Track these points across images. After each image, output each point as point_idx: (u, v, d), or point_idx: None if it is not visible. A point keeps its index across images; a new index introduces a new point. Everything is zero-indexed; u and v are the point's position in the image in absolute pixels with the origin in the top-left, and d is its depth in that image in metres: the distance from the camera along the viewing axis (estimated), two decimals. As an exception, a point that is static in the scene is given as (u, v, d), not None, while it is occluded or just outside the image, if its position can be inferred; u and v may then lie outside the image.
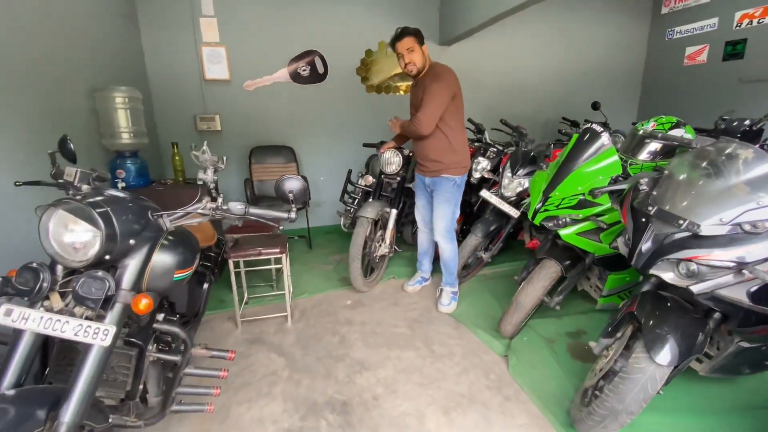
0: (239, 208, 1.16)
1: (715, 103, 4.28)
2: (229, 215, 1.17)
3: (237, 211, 1.16)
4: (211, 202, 1.17)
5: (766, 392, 1.70)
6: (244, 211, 1.17)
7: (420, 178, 2.47)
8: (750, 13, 3.90)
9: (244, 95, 3.78)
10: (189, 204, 1.18)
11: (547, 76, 4.75)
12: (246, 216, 1.18)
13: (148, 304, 1.02)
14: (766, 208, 1.09)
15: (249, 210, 1.18)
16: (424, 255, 2.71)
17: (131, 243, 1.04)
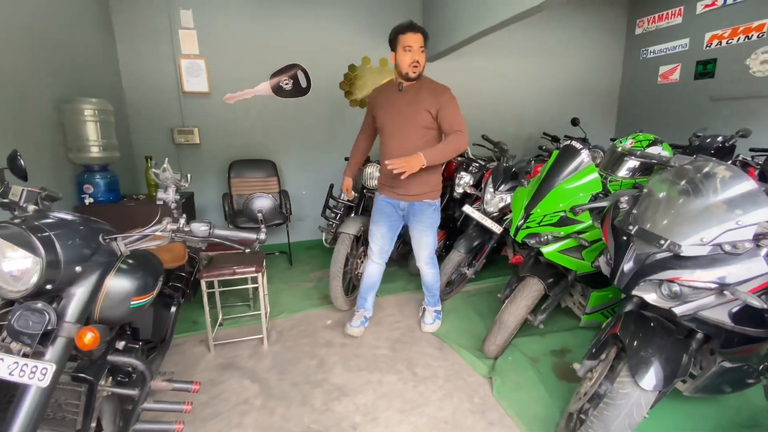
0: (203, 229, 1.08)
1: (688, 120, 4.42)
2: (191, 237, 1.09)
3: (200, 232, 1.08)
4: (172, 224, 1.09)
5: (748, 411, 1.68)
6: (208, 233, 1.09)
7: (389, 202, 2.14)
8: (719, 34, 4.06)
9: (224, 108, 3.71)
10: (148, 225, 1.09)
11: (528, 92, 4.83)
12: (210, 238, 1.11)
13: (94, 339, 0.93)
14: (745, 228, 1.07)
15: (214, 231, 1.11)
16: (370, 290, 2.33)
17: (77, 270, 0.95)
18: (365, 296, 2.35)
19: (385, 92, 2.07)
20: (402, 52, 1.91)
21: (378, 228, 2.20)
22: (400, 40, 1.91)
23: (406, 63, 1.91)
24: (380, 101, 2.06)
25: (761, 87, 3.75)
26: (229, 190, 3.60)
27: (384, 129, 2.07)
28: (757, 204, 1.09)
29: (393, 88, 2.04)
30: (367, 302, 2.36)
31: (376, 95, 2.11)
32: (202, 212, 3.77)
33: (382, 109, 2.05)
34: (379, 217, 2.19)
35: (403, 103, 2.01)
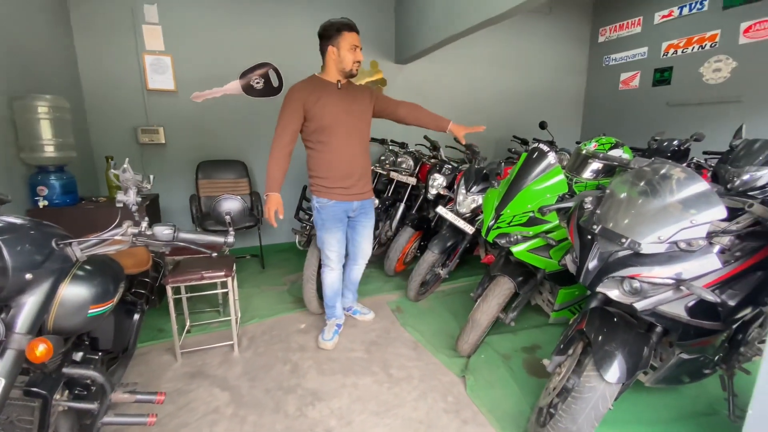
0: (166, 232, 1.04)
1: (647, 124, 4.66)
2: (154, 242, 1.04)
3: (164, 236, 1.03)
4: (133, 227, 1.04)
5: (705, 399, 1.79)
6: (172, 236, 1.04)
7: (342, 206, 2.07)
8: (675, 43, 4.31)
9: (191, 107, 3.59)
10: (107, 229, 1.03)
11: (498, 96, 4.95)
12: (175, 242, 1.06)
13: (47, 350, 0.87)
14: (698, 226, 1.14)
15: (179, 235, 1.06)
16: (336, 297, 2.28)
17: (28, 278, 0.88)
18: (333, 304, 2.29)
19: (316, 90, 1.92)
20: (349, 49, 1.89)
21: (333, 235, 2.12)
22: (345, 36, 1.88)
23: (351, 61, 1.91)
24: (316, 99, 1.91)
25: (713, 94, 4.00)
26: (197, 192, 3.48)
27: (332, 129, 1.96)
28: (709, 204, 1.16)
29: (327, 85, 1.95)
30: (336, 310, 2.31)
31: (307, 93, 1.91)
32: (167, 215, 3.62)
33: (325, 108, 1.92)
34: (332, 224, 2.09)
35: (348, 102, 1.99)
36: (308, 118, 1.94)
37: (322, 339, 2.24)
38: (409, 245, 3.03)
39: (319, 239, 2.16)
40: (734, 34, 3.78)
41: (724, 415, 1.66)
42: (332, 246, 2.14)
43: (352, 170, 2.05)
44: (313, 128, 1.96)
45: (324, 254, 2.18)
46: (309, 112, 1.93)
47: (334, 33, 1.90)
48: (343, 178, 2.03)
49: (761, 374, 1.06)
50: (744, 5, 3.69)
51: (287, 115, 1.93)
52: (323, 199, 2.06)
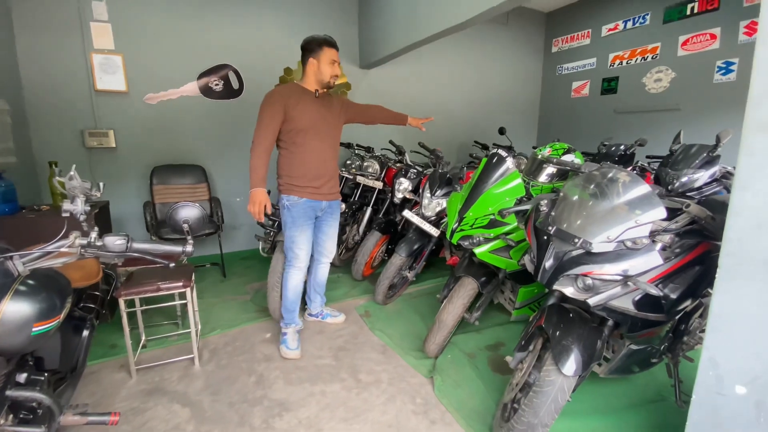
0: (118, 243, 0.98)
1: (597, 130, 4.96)
2: (104, 253, 0.97)
3: (115, 247, 0.97)
4: (81, 238, 0.97)
5: (654, 387, 1.92)
6: (125, 247, 0.99)
7: (311, 204, 2.13)
8: (620, 54, 4.63)
9: (145, 109, 3.42)
10: (52, 240, 0.96)
11: (459, 102, 5.09)
12: (128, 253, 1.00)
13: (-20, 375, 0.79)
14: (642, 226, 1.23)
15: (132, 245, 1.00)
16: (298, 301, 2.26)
17: (-42, 296, 0.81)
18: (294, 308, 2.24)
19: (295, 95, 2.03)
20: (329, 64, 2.04)
21: (303, 233, 2.15)
22: (326, 51, 2.02)
23: (329, 74, 2.05)
24: (296, 103, 2.01)
25: (654, 102, 4.34)
26: (152, 199, 3.32)
27: (308, 131, 2.06)
28: (651, 205, 1.26)
29: (305, 92, 2.07)
30: (296, 315, 2.26)
31: (286, 97, 2.00)
32: (119, 224, 3.42)
33: (303, 112, 2.03)
34: (303, 221, 2.13)
35: (324, 110, 2.13)
36: (287, 119, 2.01)
37: (288, 348, 2.18)
38: (377, 249, 3.04)
39: (288, 238, 2.16)
40: (673, 46, 4.11)
41: (671, 401, 1.79)
42: (302, 244, 2.16)
43: (323, 171, 2.14)
44: (290, 129, 2.03)
45: (292, 253, 2.16)
46: (288, 114, 2.01)
47: (316, 47, 2.03)
48: (315, 178, 2.11)
49: (702, 363, 1.16)
50: (682, 20, 4.04)
51: (269, 114, 1.99)
52: (294, 197, 2.10)
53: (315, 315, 2.55)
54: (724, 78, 3.78)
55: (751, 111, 1.01)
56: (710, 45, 3.85)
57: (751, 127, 1.01)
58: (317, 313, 2.55)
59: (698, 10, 3.91)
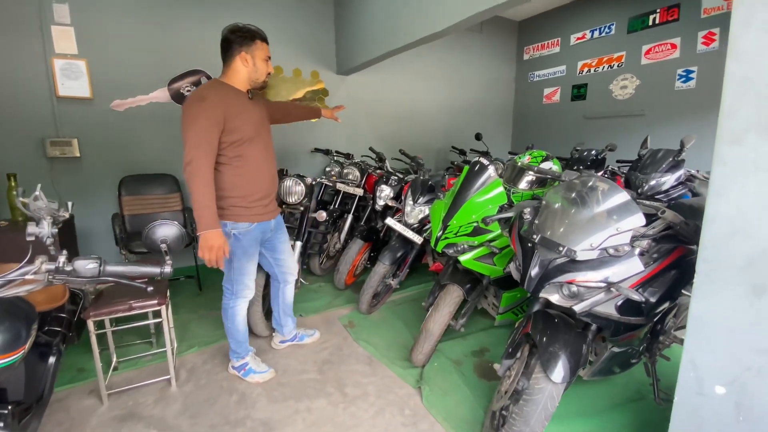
0: (90, 267, 0.91)
1: (568, 135, 5.13)
2: (75, 279, 0.90)
3: (87, 271, 0.91)
4: (48, 263, 0.90)
5: (634, 386, 1.97)
6: (98, 271, 0.92)
7: (261, 227, 1.88)
8: (588, 62, 4.81)
9: (111, 116, 3.26)
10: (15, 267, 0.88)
11: (436, 108, 5.15)
12: (101, 278, 0.93)
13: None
14: (623, 233, 1.26)
15: (105, 269, 0.94)
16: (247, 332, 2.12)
17: None
18: (246, 338, 2.07)
19: (230, 98, 1.69)
20: (263, 60, 1.78)
21: (254, 262, 1.93)
22: (260, 46, 1.76)
23: (264, 72, 1.80)
24: (234, 110, 1.69)
25: (621, 108, 4.52)
26: (121, 210, 3.15)
27: (252, 142, 1.77)
28: (630, 212, 1.29)
29: (238, 94, 1.76)
30: (247, 341, 2.10)
31: (226, 102, 1.66)
32: (85, 239, 3.23)
33: (242, 120, 1.71)
34: (254, 250, 1.89)
35: (259, 113, 1.86)
36: (228, 130, 1.66)
37: (258, 372, 2.04)
38: (359, 257, 3.01)
39: (237, 270, 1.88)
40: (637, 55, 4.31)
41: (650, 399, 1.84)
42: (252, 274, 1.95)
43: (272, 187, 1.91)
44: (233, 141, 1.70)
45: (241, 285, 1.93)
46: (230, 124, 1.66)
47: (248, 40, 1.74)
48: (264, 196, 1.86)
49: (683, 365, 1.19)
50: (645, 30, 4.24)
51: (209, 128, 1.60)
52: (243, 224, 1.79)
53: (291, 339, 2.35)
54: (684, 85, 3.99)
55: (723, 122, 1.06)
56: (671, 54, 4.06)
57: (724, 138, 1.06)
58: (292, 336, 2.35)
59: (659, 21, 4.12)
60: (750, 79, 1.00)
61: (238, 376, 2.06)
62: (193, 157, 1.56)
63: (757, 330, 1.05)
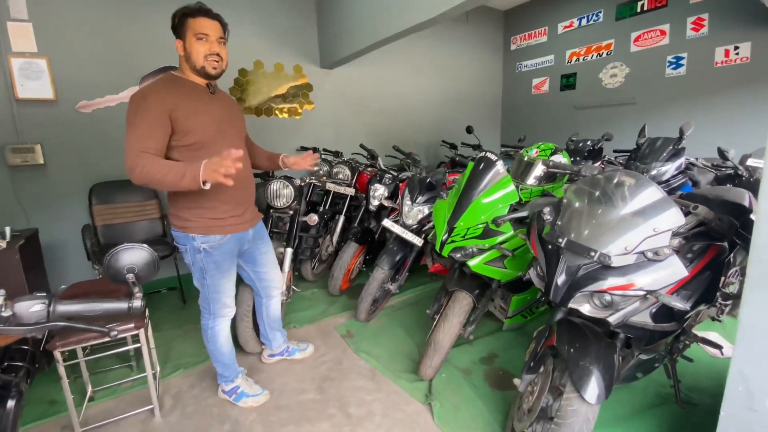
0: (36, 310, 0.72)
1: (558, 125, 5.05)
2: (15, 328, 0.71)
3: (32, 316, 0.71)
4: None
5: (653, 389, 1.87)
6: (46, 314, 0.73)
7: (236, 238, 1.65)
8: (577, 51, 4.72)
9: (78, 119, 2.99)
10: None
11: (425, 101, 4.99)
12: (51, 323, 0.74)
13: None
14: (661, 234, 1.13)
15: (57, 309, 0.75)
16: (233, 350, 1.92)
17: None
18: (233, 359, 1.87)
19: (183, 94, 1.45)
20: (194, 40, 1.44)
21: (230, 278, 1.71)
22: (189, 24, 1.44)
23: (200, 53, 1.45)
24: (186, 108, 1.44)
25: (611, 97, 4.46)
26: (92, 221, 2.90)
27: (215, 143, 1.51)
28: (667, 210, 1.16)
29: (196, 88, 1.52)
30: (235, 363, 1.90)
31: (175, 98, 1.42)
32: (53, 253, 2.97)
33: (202, 117, 1.47)
34: (228, 264, 1.67)
35: (225, 110, 1.60)
36: (180, 130, 1.43)
37: (251, 396, 1.86)
38: (354, 261, 2.85)
39: (212, 287, 1.66)
40: (626, 42, 4.24)
41: (673, 403, 1.75)
42: (230, 291, 1.74)
43: (246, 193, 1.68)
44: (189, 144, 1.47)
45: (219, 304, 1.72)
46: (182, 124, 1.43)
47: (178, 24, 1.49)
48: (236, 206, 1.61)
49: (730, 376, 1.08)
50: (633, 16, 4.16)
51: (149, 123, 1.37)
52: (214, 237, 1.57)
53: (280, 354, 2.17)
54: (675, 72, 3.94)
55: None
56: (661, 41, 4.00)
57: (781, 125, 0.93)
58: (282, 351, 2.17)
59: (648, 7, 4.05)
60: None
61: (230, 401, 1.88)
62: (135, 163, 1.33)
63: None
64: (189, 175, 1.31)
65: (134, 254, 0.87)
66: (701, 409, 1.73)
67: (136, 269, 0.86)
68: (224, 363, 1.85)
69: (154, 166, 1.32)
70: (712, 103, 3.65)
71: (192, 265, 1.64)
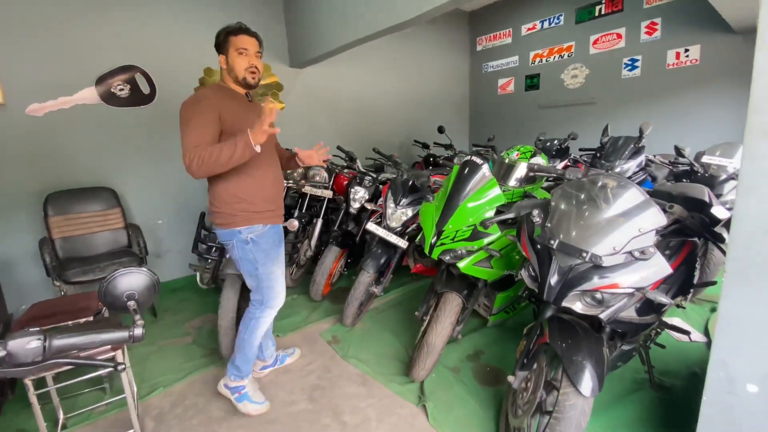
0: (33, 346, 0.65)
1: (524, 124, 5.24)
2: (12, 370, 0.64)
3: (28, 354, 0.65)
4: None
5: (630, 376, 1.99)
6: (41, 351, 0.66)
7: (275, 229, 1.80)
8: (540, 53, 4.91)
9: (29, 124, 2.74)
10: None
11: (396, 101, 5.00)
12: (49, 361, 0.68)
13: None
14: (647, 234, 1.20)
15: (53, 344, 0.68)
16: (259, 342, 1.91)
17: None
18: (254, 358, 1.88)
19: (227, 100, 1.64)
20: (236, 55, 1.63)
21: (279, 265, 1.83)
22: (232, 41, 1.63)
23: (242, 67, 1.65)
24: (230, 113, 1.61)
25: (573, 97, 4.67)
26: (49, 234, 2.67)
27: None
28: (649, 211, 1.24)
29: (237, 96, 1.70)
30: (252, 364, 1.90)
31: (219, 100, 1.59)
32: (6, 270, 2.71)
33: (245, 122, 1.59)
34: (276, 252, 1.79)
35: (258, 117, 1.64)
36: (226, 131, 1.59)
37: (255, 403, 1.83)
38: (336, 265, 2.81)
39: (265, 276, 1.75)
40: (586, 45, 4.46)
41: (648, 387, 1.87)
42: (282, 279, 1.83)
43: (279, 193, 1.82)
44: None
45: (272, 292, 1.78)
46: (227, 125, 1.59)
47: (222, 41, 1.66)
48: (272, 201, 1.77)
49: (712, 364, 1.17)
50: (592, 20, 4.38)
51: (203, 123, 1.52)
52: (257, 226, 1.70)
53: (272, 364, 2.14)
54: (630, 74, 4.19)
55: (752, 117, 1.01)
56: (617, 44, 4.24)
57: (753, 133, 1.01)
58: (273, 361, 2.15)
59: (605, 11, 4.28)
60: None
61: (229, 397, 1.85)
62: (191, 158, 1.46)
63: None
64: (241, 144, 1.45)
65: (133, 278, 0.81)
66: (674, 392, 1.86)
67: (136, 295, 0.80)
68: (247, 357, 1.83)
69: (206, 151, 1.46)
70: (666, 103, 3.92)
71: (241, 259, 1.73)
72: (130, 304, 0.80)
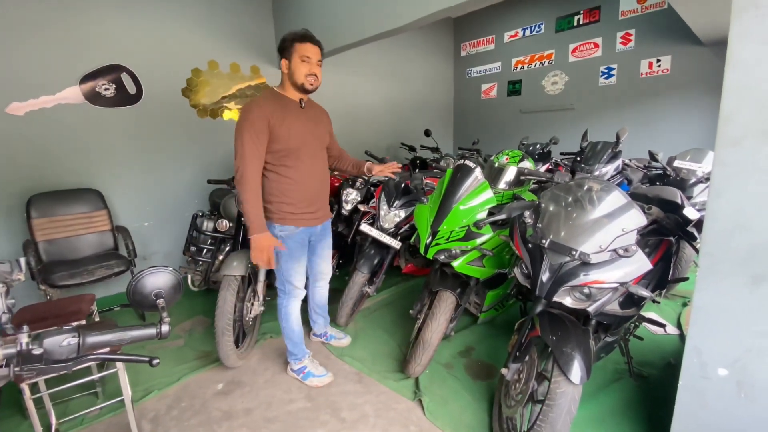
0: (69, 343, 0.68)
1: (506, 129, 5.40)
2: (48, 366, 0.66)
3: (64, 351, 0.67)
4: (7, 346, 0.65)
5: (611, 367, 2.11)
6: (76, 347, 0.69)
7: (307, 232, 1.93)
8: (522, 59, 5.08)
9: (9, 123, 2.67)
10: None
11: (383, 105, 5.08)
12: (82, 356, 0.70)
13: None
14: (629, 233, 1.31)
15: (86, 341, 0.71)
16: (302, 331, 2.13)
17: None
18: (302, 339, 2.10)
19: (280, 107, 1.75)
20: (299, 62, 1.73)
21: (301, 264, 1.98)
22: (297, 48, 1.73)
23: (303, 74, 1.74)
24: (282, 118, 1.73)
25: (553, 102, 4.86)
26: (32, 236, 2.60)
27: (299, 152, 1.81)
28: (632, 213, 1.35)
29: (289, 103, 1.80)
30: (303, 343, 2.12)
31: (270, 111, 1.71)
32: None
33: (291, 129, 1.76)
34: (300, 253, 1.95)
35: (313, 123, 1.90)
36: (273, 138, 1.74)
37: (318, 376, 2.05)
38: (327, 266, 2.84)
39: (285, 271, 1.94)
40: (565, 53, 4.65)
41: (628, 377, 1.99)
42: (300, 275, 2.00)
43: (318, 195, 1.95)
44: (278, 150, 1.77)
45: (290, 286, 1.98)
46: (274, 133, 1.73)
47: (288, 45, 1.76)
48: (311, 204, 1.91)
49: (687, 352, 1.28)
50: (571, 29, 4.58)
51: (254, 136, 1.69)
52: (289, 227, 1.86)
53: (319, 335, 2.43)
54: (606, 81, 4.40)
55: (722, 128, 1.13)
56: (594, 53, 4.45)
57: (723, 142, 1.13)
58: (321, 333, 2.42)
59: (583, 21, 4.49)
60: (748, 87, 1.06)
61: (298, 379, 2.07)
62: (238, 166, 1.69)
63: (757, 315, 1.15)
64: (251, 227, 1.72)
65: (160, 278, 0.83)
66: (651, 381, 2.00)
67: (163, 293, 0.83)
68: (294, 341, 2.05)
69: (248, 194, 1.70)
70: (639, 110, 4.14)
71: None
72: (159, 302, 0.82)
